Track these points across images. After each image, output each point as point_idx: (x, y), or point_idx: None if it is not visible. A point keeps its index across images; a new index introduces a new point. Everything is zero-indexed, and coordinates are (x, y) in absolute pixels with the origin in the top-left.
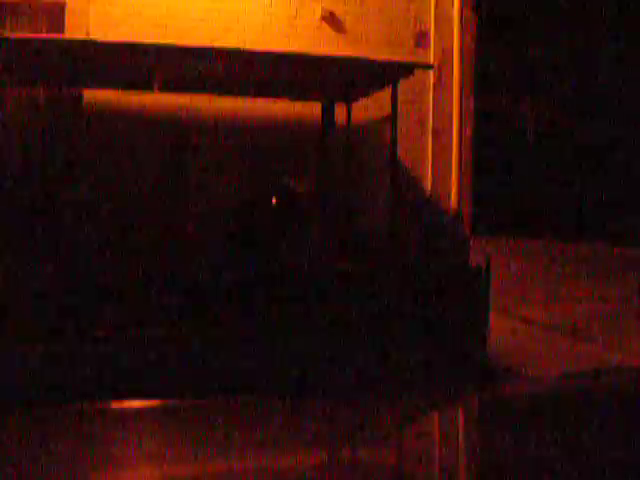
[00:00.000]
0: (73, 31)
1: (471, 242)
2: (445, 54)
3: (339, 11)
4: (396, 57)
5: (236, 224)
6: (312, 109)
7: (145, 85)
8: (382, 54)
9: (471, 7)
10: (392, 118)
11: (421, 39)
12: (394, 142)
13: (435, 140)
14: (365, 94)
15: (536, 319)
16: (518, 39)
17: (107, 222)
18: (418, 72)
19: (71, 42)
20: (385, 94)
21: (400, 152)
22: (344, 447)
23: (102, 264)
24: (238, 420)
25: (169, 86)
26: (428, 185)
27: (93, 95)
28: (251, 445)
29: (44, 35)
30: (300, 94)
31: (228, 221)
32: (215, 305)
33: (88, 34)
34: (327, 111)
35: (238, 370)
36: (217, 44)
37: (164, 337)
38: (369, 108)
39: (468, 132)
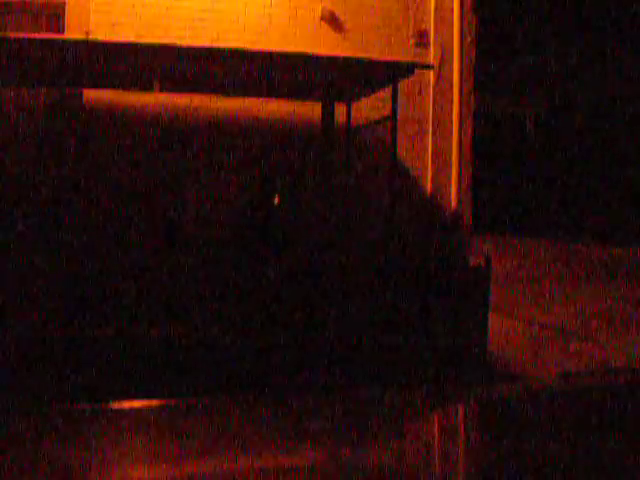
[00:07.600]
0: (73, 31)
1: (471, 242)
2: (445, 54)
3: (339, 11)
4: (396, 57)
5: (238, 223)
6: (312, 109)
7: (145, 85)
8: (382, 54)
9: (471, 7)
10: (392, 118)
11: (421, 39)
12: (394, 142)
13: (435, 140)
14: (365, 94)
15: (536, 319)
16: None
17: (106, 222)
18: (418, 72)
19: (71, 42)
20: (385, 94)
21: (400, 152)
22: (344, 447)
23: (99, 261)
24: (238, 420)
25: (169, 86)
26: (428, 185)
27: (93, 95)
28: (251, 445)
29: (44, 35)
30: (300, 94)
31: (229, 221)
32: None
33: (88, 34)
34: (327, 111)
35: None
36: (217, 44)
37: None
38: (369, 108)
39: (468, 132)
